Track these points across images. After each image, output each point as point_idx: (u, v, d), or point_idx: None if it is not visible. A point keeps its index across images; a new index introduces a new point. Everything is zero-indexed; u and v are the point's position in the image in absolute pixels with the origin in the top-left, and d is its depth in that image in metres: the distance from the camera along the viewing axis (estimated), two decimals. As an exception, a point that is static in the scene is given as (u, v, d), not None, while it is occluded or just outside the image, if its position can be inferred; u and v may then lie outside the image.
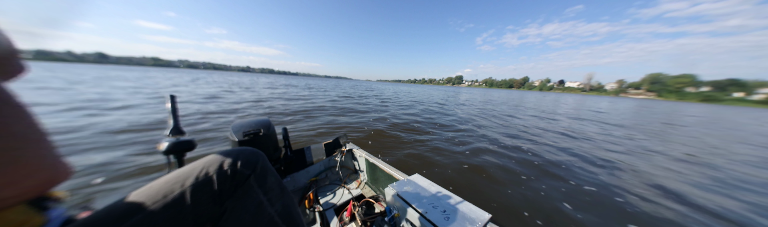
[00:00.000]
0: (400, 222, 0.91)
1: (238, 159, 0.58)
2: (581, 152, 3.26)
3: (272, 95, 9.73)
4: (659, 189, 2.16)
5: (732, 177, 2.70)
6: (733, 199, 2.09)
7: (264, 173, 0.61)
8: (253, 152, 0.64)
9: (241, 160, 0.58)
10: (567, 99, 29.77)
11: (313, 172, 1.52)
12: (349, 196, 1.34)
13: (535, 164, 2.60)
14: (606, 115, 9.64)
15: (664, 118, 10.35)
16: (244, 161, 0.59)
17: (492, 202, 1.69)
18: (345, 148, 1.61)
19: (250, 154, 0.62)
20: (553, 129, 5.07)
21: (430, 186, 0.94)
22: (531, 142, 3.69)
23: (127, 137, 2.78)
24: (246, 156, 0.60)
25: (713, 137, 5.70)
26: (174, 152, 0.87)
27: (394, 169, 1.28)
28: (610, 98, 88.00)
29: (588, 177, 2.31)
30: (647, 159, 3.16)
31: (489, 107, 10.10)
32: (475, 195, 1.80)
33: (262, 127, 1.17)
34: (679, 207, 1.82)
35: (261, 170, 0.61)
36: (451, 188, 1.79)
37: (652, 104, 35.81)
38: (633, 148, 3.80)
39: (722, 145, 4.76)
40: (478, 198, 1.73)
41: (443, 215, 0.76)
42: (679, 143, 4.57)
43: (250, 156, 0.61)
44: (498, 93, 44.04)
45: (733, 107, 61.76)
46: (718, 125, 9.06)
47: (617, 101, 40.65)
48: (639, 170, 2.66)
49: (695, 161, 3.30)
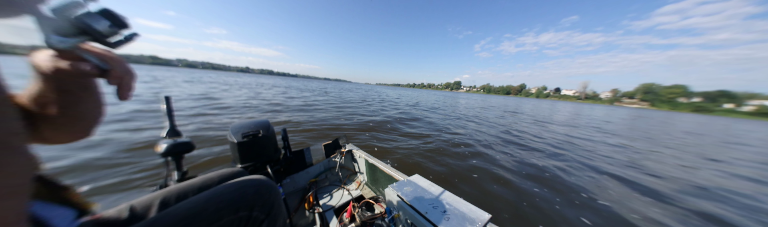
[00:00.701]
0: (401, 223, 0.91)
1: (254, 204, 0.55)
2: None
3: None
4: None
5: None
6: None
7: (275, 217, 0.59)
8: (269, 188, 0.60)
9: (257, 204, 0.55)
10: (565, 107, 29.90)
11: (312, 173, 1.51)
12: (348, 197, 1.34)
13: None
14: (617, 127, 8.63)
15: (726, 137, 8.94)
16: (261, 204, 0.56)
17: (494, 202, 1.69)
18: (344, 149, 1.60)
19: (266, 193, 0.58)
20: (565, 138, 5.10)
21: (430, 186, 0.94)
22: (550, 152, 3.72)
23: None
24: (262, 198, 0.57)
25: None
26: (172, 154, 0.87)
27: (393, 170, 1.28)
28: (604, 106, 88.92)
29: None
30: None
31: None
32: (476, 195, 1.80)
33: (261, 128, 1.17)
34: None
35: (274, 213, 0.59)
36: (451, 188, 1.79)
37: (651, 113, 35.55)
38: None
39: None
40: (479, 198, 1.73)
41: (443, 215, 0.76)
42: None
43: (265, 196, 0.57)
44: (497, 99, 44.17)
45: (726, 118, 62.43)
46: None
47: (613, 110, 41.13)
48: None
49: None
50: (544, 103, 49.53)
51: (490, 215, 0.76)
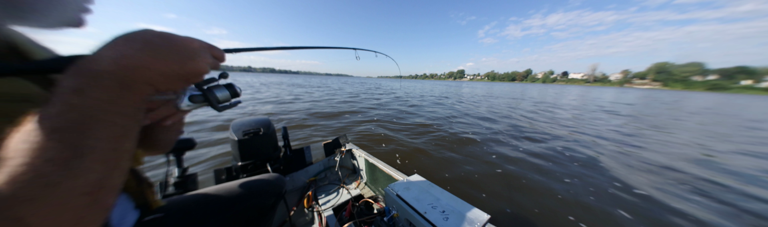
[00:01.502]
0: (399, 223, 0.90)
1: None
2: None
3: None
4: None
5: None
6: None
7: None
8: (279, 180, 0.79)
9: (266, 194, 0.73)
10: (571, 91, 29.05)
11: (312, 172, 1.51)
12: (348, 196, 1.34)
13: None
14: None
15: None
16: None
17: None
18: (344, 148, 1.59)
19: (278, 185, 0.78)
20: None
21: (429, 186, 0.92)
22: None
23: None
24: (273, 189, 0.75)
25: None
26: (173, 150, 0.86)
27: (393, 169, 1.27)
28: (614, 88, 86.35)
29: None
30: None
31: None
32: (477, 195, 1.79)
33: (261, 126, 1.16)
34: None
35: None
36: (450, 188, 1.79)
37: (659, 94, 34.14)
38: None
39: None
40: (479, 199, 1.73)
41: (442, 215, 0.75)
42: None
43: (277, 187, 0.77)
44: (499, 87, 43.14)
45: (743, 96, 59.55)
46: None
47: (622, 92, 39.68)
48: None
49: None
50: (549, 89, 47.98)
51: (489, 215, 0.74)
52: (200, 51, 0.28)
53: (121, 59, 0.22)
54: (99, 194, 0.21)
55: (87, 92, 0.20)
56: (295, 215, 1.21)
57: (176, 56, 0.25)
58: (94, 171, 0.20)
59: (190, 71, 0.27)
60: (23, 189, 0.17)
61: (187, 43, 0.27)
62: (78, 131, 0.20)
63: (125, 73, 0.22)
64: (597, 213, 1.58)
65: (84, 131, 0.20)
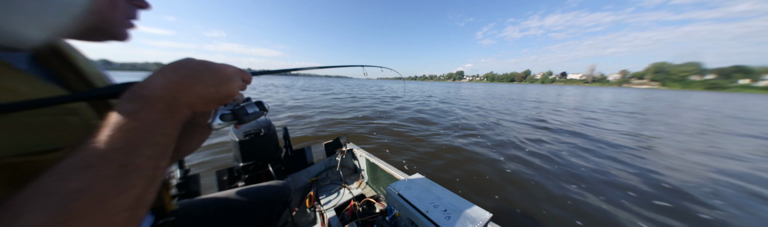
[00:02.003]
0: (401, 222, 0.90)
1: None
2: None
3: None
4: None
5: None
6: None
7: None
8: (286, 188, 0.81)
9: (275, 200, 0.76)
10: (570, 91, 28.89)
11: (313, 172, 1.51)
12: (349, 196, 1.33)
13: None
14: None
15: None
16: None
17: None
18: (345, 148, 1.59)
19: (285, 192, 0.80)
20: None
21: (430, 185, 0.92)
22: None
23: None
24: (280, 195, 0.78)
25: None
26: None
27: (394, 169, 1.27)
28: (612, 89, 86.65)
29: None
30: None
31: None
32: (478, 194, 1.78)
33: (262, 127, 1.16)
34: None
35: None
36: (452, 187, 1.79)
37: (658, 94, 33.88)
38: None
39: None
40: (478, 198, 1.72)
41: (444, 214, 0.75)
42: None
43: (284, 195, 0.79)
44: (499, 88, 42.98)
45: (740, 95, 60.02)
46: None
47: (620, 93, 39.29)
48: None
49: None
50: (549, 89, 47.87)
51: (491, 214, 0.74)
52: (233, 76, 0.31)
53: (170, 84, 0.25)
54: (137, 209, 0.22)
55: (141, 114, 0.22)
56: (297, 215, 1.21)
57: (214, 81, 0.28)
58: (137, 188, 0.21)
59: (224, 94, 0.30)
60: (75, 205, 0.18)
61: (222, 70, 0.29)
62: (130, 150, 0.21)
63: (172, 96, 0.25)
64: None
65: (134, 150, 0.21)
